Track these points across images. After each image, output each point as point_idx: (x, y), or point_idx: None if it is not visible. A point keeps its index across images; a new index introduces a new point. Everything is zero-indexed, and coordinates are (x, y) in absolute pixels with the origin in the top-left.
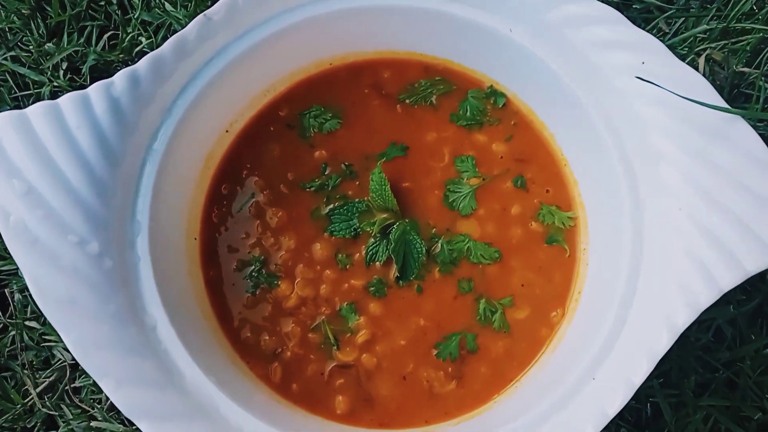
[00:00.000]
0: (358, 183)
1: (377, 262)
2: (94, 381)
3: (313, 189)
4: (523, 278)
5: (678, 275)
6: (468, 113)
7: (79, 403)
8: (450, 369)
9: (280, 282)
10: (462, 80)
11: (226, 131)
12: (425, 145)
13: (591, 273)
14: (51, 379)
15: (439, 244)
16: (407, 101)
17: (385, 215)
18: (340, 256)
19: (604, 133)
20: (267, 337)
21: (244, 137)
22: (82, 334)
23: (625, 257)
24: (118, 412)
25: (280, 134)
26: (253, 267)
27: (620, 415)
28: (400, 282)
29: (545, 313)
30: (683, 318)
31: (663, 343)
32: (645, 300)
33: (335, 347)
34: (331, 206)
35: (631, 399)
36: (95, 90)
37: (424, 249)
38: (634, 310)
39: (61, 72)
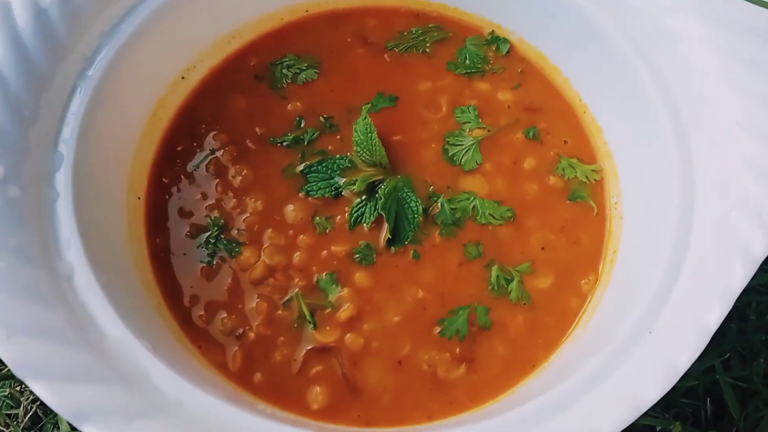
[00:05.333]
0: (339, 137)
1: (364, 225)
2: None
3: (285, 144)
4: (542, 240)
5: (744, 196)
6: (467, 61)
7: None
8: (458, 350)
9: (243, 249)
10: (458, 27)
11: (183, 78)
12: (418, 95)
13: (628, 227)
14: None
15: (439, 204)
16: (396, 49)
17: (372, 171)
18: (318, 219)
19: (634, 59)
20: (225, 316)
21: (204, 88)
22: None
23: (673, 193)
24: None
25: (248, 85)
26: (211, 233)
27: (675, 414)
28: (393, 247)
29: (573, 280)
30: (761, 244)
31: (739, 277)
32: (705, 236)
33: (311, 326)
34: (308, 163)
35: (685, 395)
36: None
37: (420, 208)
38: (692, 252)
39: None
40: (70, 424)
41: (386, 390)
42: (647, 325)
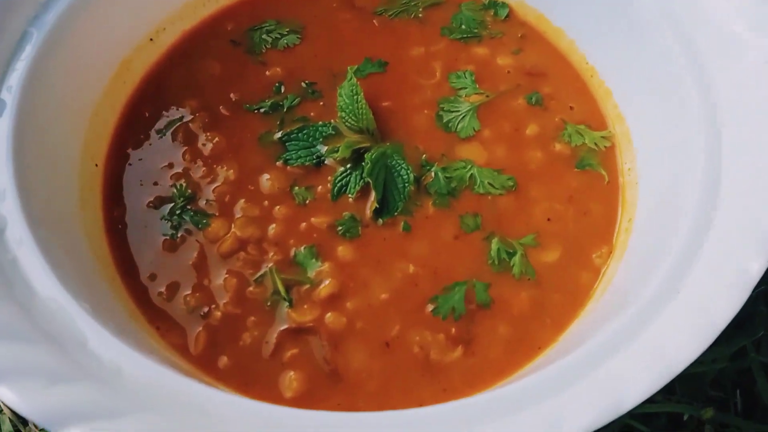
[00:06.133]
0: (322, 103)
1: (348, 196)
2: None
3: (262, 111)
4: (548, 211)
5: None
6: (463, 26)
7: None
8: (453, 330)
9: (211, 221)
10: None
11: (151, 39)
12: (410, 60)
13: (646, 192)
14: None
15: (433, 173)
16: (386, 15)
17: (358, 137)
18: (297, 189)
19: (646, 9)
20: (188, 293)
21: (174, 52)
22: None
23: (698, 147)
24: None
25: (223, 51)
26: (176, 203)
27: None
28: (380, 219)
29: (584, 253)
30: None
31: None
32: (736, 186)
33: (287, 304)
34: (287, 130)
35: (712, 386)
36: None
37: (411, 176)
38: (722, 205)
39: None
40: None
41: (371, 375)
42: (675, 285)
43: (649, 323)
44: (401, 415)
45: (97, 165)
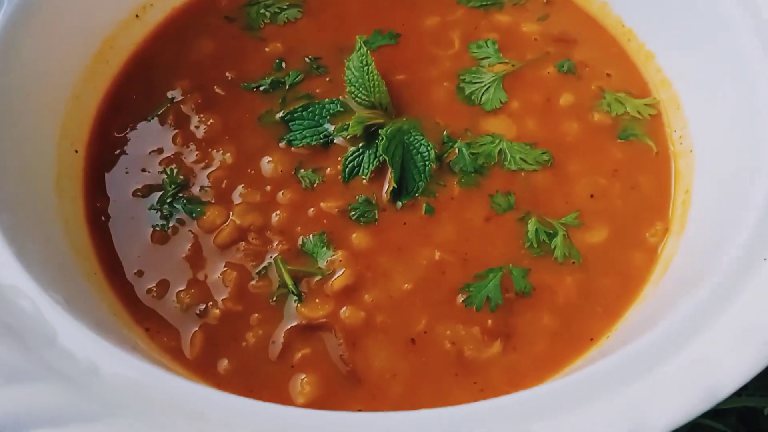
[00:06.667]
0: (328, 79)
1: (362, 178)
2: None
3: (262, 89)
4: (591, 187)
5: None
6: None
7: None
8: (490, 322)
9: (206, 209)
10: None
11: (137, 15)
12: (424, 30)
13: (702, 159)
14: None
15: (457, 149)
16: None
17: (369, 113)
18: (303, 171)
19: None
20: (182, 290)
21: (162, 30)
22: None
23: (764, 102)
24: None
25: (216, 27)
26: (166, 191)
27: None
28: (399, 201)
29: (636, 231)
30: None
31: None
32: None
33: (295, 299)
34: (290, 109)
35: None
36: None
37: (433, 153)
38: None
39: None
40: None
41: (396, 376)
42: (760, 253)
43: (734, 297)
44: (434, 415)
45: (77, 151)
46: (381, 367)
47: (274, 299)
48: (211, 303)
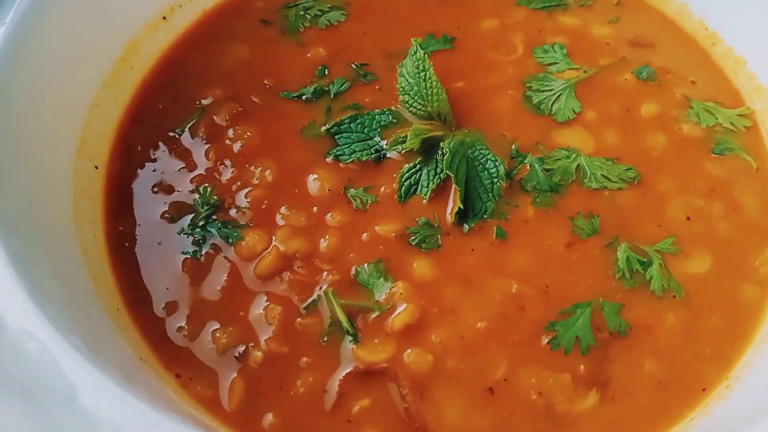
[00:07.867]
0: (378, 87)
1: (422, 196)
2: None
3: (304, 98)
4: (686, 208)
5: None
6: None
7: None
8: (583, 368)
9: (245, 233)
10: None
11: (164, 18)
12: (482, 34)
13: None
14: None
15: (528, 165)
16: None
17: (427, 124)
18: (353, 191)
19: None
20: (218, 328)
21: (192, 34)
22: None
23: None
24: None
25: (252, 31)
26: (198, 213)
27: None
28: (466, 224)
29: (742, 259)
30: None
31: None
32: None
33: (351, 339)
34: (336, 120)
35: None
36: None
37: (502, 169)
38: None
39: None
40: None
41: None
42: None
43: None
44: None
45: (97, 167)
46: (455, 422)
47: (326, 339)
48: (252, 344)
